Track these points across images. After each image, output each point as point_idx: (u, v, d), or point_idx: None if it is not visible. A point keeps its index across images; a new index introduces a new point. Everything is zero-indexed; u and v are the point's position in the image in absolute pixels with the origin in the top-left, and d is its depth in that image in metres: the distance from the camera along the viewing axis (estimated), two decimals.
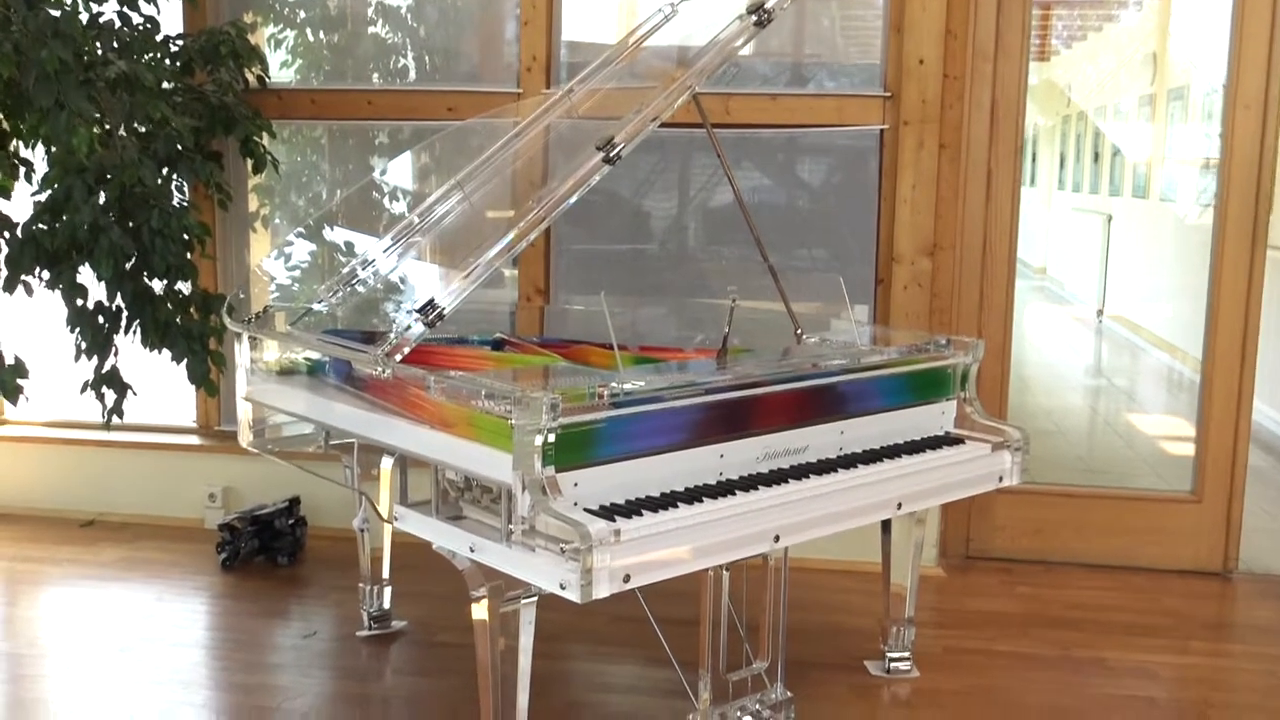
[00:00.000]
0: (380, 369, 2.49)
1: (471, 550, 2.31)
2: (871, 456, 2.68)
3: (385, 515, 2.56)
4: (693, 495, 2.33)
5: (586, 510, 2.20)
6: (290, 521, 4.02)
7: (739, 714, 2.70)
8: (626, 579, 2.13)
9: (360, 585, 3.40)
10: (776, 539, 2.39)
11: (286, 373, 2.93)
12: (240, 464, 4.23)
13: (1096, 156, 10.36)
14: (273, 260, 3.66)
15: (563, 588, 2.09)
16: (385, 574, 3.38)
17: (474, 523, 2.39)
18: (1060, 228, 9.38)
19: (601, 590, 2.09)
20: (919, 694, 3.04)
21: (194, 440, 4.44)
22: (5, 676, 3.10)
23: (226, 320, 2.99)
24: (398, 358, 2.49)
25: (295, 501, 4.09)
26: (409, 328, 2.51)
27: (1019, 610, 3.63)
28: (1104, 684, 3.14)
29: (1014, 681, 3.13)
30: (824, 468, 2.57)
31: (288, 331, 2.93)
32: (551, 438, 2.17)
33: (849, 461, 2.63)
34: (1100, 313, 9.36)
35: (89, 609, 3.58)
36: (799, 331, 3.17)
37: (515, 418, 2.17)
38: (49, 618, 3.51)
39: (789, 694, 2.79)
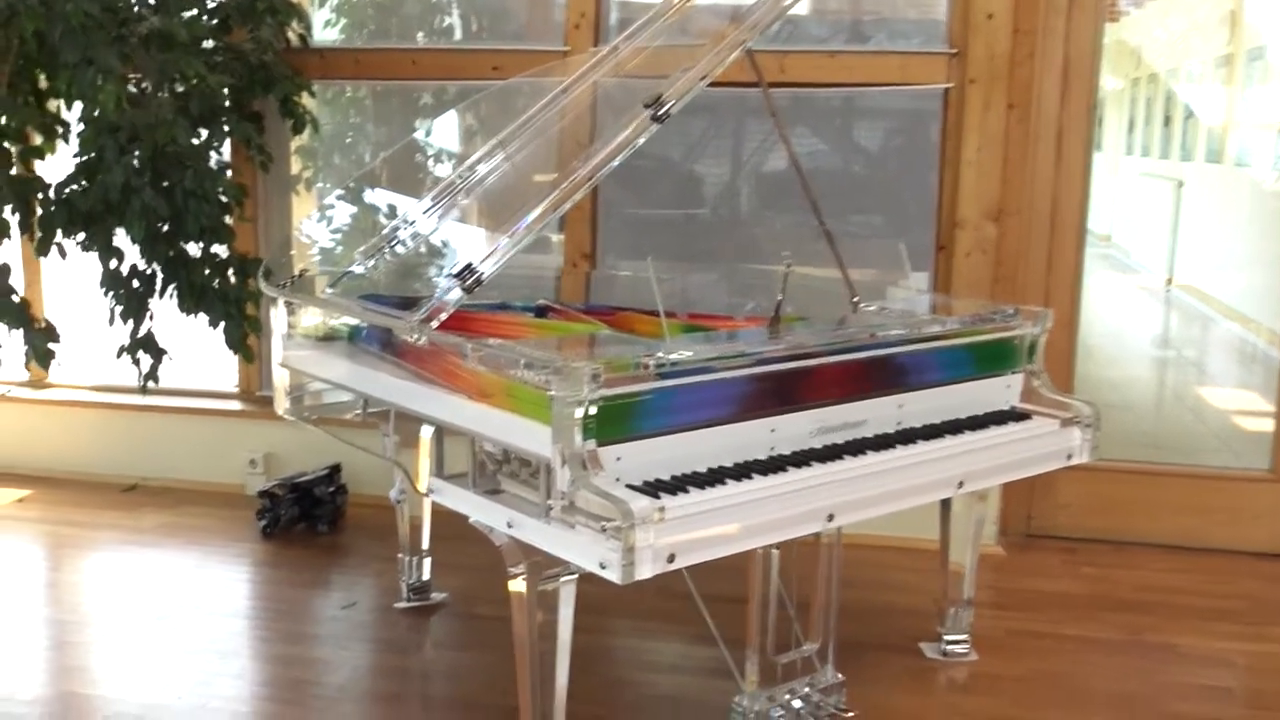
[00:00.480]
0: (415, 336, 2.38)
1: (509, 526, 2.20)
2: (932, 432, 2.54)
3: (420, 488, 2.46)
4: (742, 471, 2.20)
5: (629, 486, 2.09)
6: (331, 489, 3.95)
7: (788, 697, 2.59)
8: (671, 559, 2.01)
9: (399, 556, 3.32)
10: (830, 518, 2.26)
11: (324, 339, 2.83)
12: (282, 430, 4.16)
13: (1167, 120, 10.00)
14: (312, 223, 3.56)
15: (603, 567, 1.98)
16: (425, 545, 3.29)
17: (512, 497, 2.28)
18: (1127, 194, 9.08)
19: (644, 571, 1.98)
20: (977, 679, 2.91)
21: (235, 406, 4.39)
22: (48, 643, 3.06)
23: (262, 284, 2.90)
24: (434, 324, 2.38)
25: (336, 469, 4.02)
26: (446, 293, 2.40)
27: (1084, 592, 3.47)
28: (1176, 671, 2.98)
29: (1079, 667, 2.98)
30: (881, 443, 2.43)
31: (323, 296, 2.84)
32: (593, 410, 2.06)
33: (908, 437, 2.49)
34: (1169, 282, 9.07)
35: (129, 575, 3.53)
36: (855, 299, 3.03)
37: (555, 389, 2.06)
38: (90, 584, 3.47)
39: (840, 677, 2.67)
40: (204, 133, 3.61)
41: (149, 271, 3.46)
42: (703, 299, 3.41)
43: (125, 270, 3.46)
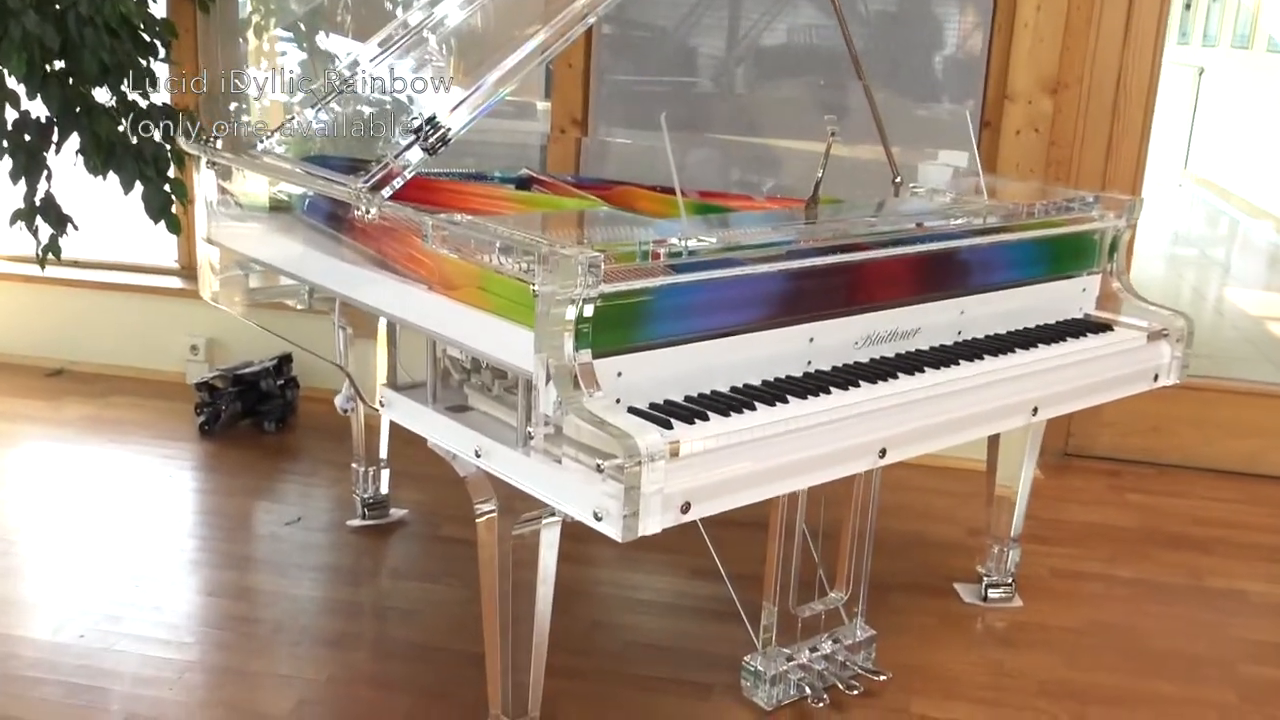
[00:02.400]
0: (363, 207, 1.88)
1: (478, 455, 1.74)
2: (1000, 345, 2.07)
3: (369, 399, 1.98)
4: (774, 393, 1.73)
5: (633, 411, 1.62)
6: (279, 383, 3.48)
7: (808, 655, 2.17)
8: (685, 509, 1.56)
9: (353, 467, 2.86)
10: (882, 454, 1.80)
11: (258, 209, 2.33)
12: (228, 313, 3.65)
13: (1189, 4, 9.38)
14: (254, 70, 3.01)
15: (598, 518, 1.52)
16: (383, 454, 2.83)
17: (482, 417, 1.81)
18: None
19: (651, 524, 1.52)
20: (1022, 631, 2.50)
21: (175, 283, 3.88)
22: None
23: (181, 141, 2.38)
24: (386, 192, 1.87)
25: (286, 359, 3.53)
26: (402, 153, 1.89)
27: (1133, 524, 3.06)
28: (1247, 625, 2.58)
29: (1136, 618, 2.58)
30: (941, 358, 1.97)
31: (254, 156, 2.32)
32: (588, 310, 1.57)
33: (971, 351, 2.03)
34: (1183, 175, 8.56)
35: (40, 478, 3.07)
36: (897, 179, 2.53)
37: (540, 281, 1.57)
38: None
39: (870, 631, 2.26)
40: None
41: (44, 120, 2.89)
42: (707, 178, 2.89)
43: (18, 118, 2.89)
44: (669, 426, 1.59)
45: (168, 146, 2.91)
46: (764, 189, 2.76)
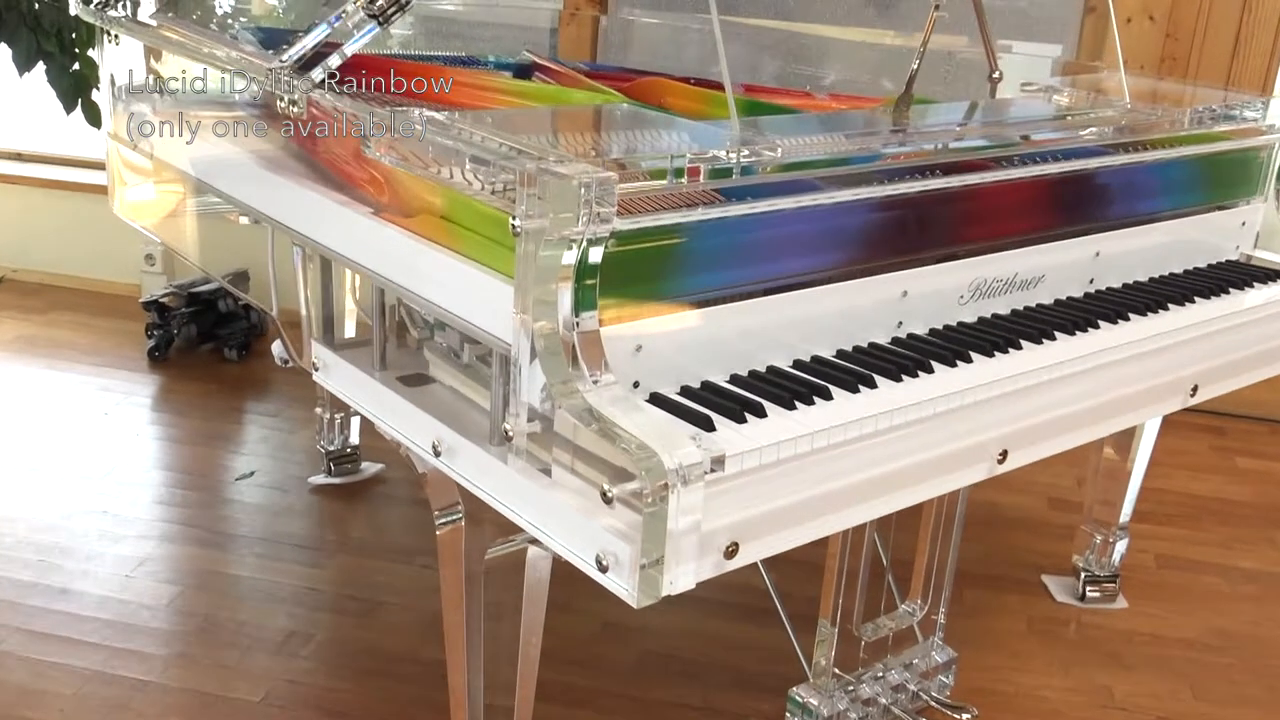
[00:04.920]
0: (284, 93, 1.36)
1: (437, 452, 1.24)
2: (1144, 299, 1.55)
3: (300, 358, 1.49)
4: (856, 371, 1.23)
5: (657, 401, 1.13)
6: (242, 302, 2.98)
7: (871, 687, 1.70)
8: (731, 552, 1.07)
9: (317, 411, 2.38)
10: (1002, 457, 1.30)
11: (176, 95, 1.80)
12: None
13: None
14: None
15: (602, 567, 1.03)
16: None
17: (446, 394, 1.31)
18: None
19: (682, 575, 1.03)
20: (1131, 643, 2.02)
21: None
22: None
23: (73, 4, 1.85)
24: (317, 74, 1.35)
25: (240, 277, 3.02)
26: (343, 22, 1.36)
27: (1249, 496, 2.56)
28: None
29: (1268, 625, 2.10)
30: (1074, 318, 1.45)
31: (157, 24, 1.78)
32: (595, 254, 1.06)
33: (1110, 308, 1.51)
34: None
35: None
36: (995, 74, 1.98)
37: (524, 211, 1.05)
38: None
39: (951, 653, 1.78)
40: None
41: None
42: (744, 72, 2.34)
43: None
44: (709, 426, 1.09)
45: (75, 14, 2.37)
46: (824, 84, 2.22)
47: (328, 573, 2.09)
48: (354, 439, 2.40)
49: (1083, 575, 2.12)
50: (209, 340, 2.97)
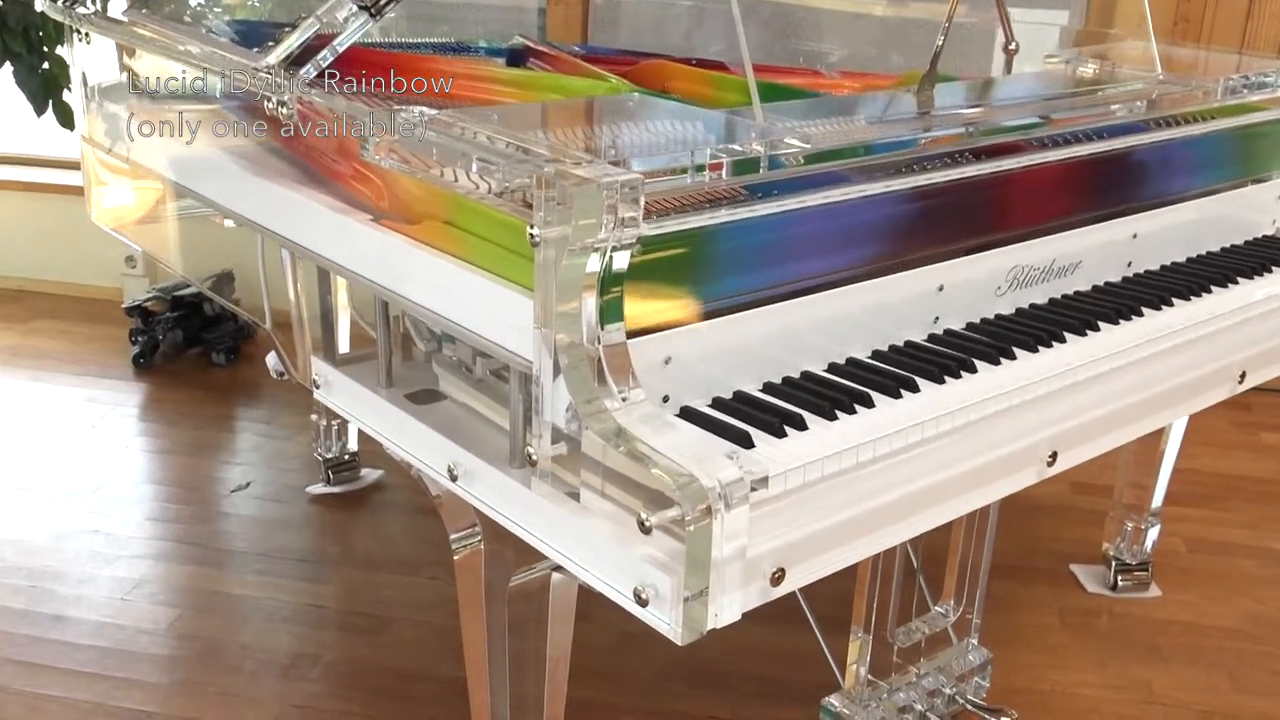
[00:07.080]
0: (271, 94, 1.27)
1: (454, 476, 1.15)
2: (1186, 282, 1.47)
3: (300, 374, 1.40)
4: (895, 374, 1.15)
5: (689, 416, 1.05)
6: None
7: (906, 694, 1.63)
8: (778, 578, 0.99)
9: (313, 418, 2.29)
10: (1052, 460, 1.23)
11: (155, 96, 1.71)
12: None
13: None
14: None
15: (641, 601, 0.96)
16: None
17: (459, 410, 1.23)
18: None
19: (728, 606, 0.97)
20: (1166, 633, 1.95)
21: None
22: None
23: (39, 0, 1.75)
24: (308, 71, 1.26)
25: (225, 278, 2.92)
26: (333, 14, 1.27)
27: (1277, 474, 2.50)
28: None
29: None
30: (1116, 306, 1.37)
31: (129, 21, 1.68)
32: (622, 261, 0.98)
33: (1153, 293, 1.43)
34: None
35: None
36: (1011, 45, 1.89)
37: (543, 218, 0.97)
38: None
39: (986, 654, 1.71)
40: None
41: None
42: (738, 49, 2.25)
43: None
44: (748, 443, 1.01)
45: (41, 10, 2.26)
46: (829, 61, 2.14)
47: (332, 588, 2.01)
48: (352, 445, 2.32)
49: (1114, 564, 2.05)
50: (195, 345, 2.87)
